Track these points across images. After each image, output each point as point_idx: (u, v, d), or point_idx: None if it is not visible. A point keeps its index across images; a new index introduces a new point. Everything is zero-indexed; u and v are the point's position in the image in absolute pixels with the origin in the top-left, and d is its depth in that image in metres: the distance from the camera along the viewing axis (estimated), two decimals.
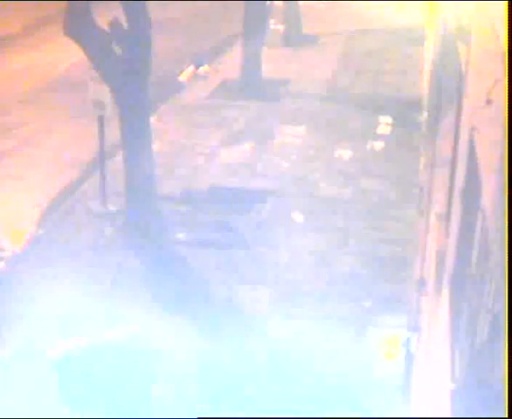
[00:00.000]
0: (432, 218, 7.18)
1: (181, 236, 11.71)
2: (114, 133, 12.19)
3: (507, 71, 2.66)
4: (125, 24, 11.23)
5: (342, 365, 8.86)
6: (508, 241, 2.35)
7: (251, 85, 18.46)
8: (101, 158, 12.53)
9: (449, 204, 5.77)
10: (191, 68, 20.19)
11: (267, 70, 18.99)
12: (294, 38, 22.99)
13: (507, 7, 2.89)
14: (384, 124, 16.46)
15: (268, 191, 13.20)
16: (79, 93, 13.73)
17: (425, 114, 13.14)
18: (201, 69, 20.19)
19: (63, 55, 19.67)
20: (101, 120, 12.23)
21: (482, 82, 3.35)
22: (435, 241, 6.48)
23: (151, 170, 11.88)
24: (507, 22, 2.82)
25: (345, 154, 14.90)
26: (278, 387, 8.51)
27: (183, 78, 19.72)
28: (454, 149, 5.78)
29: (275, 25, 24.40)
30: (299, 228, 12.03)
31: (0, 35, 22.54)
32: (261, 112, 17.28)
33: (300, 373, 8.73)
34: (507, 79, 2.64)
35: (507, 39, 2.75)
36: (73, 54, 14.74)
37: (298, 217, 12.34)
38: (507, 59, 2.69)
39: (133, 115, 11.51)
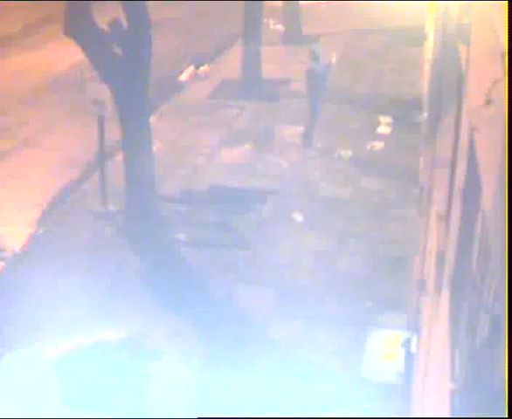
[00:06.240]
0: (432, 218, 7.18)
1: (181, 236, 11.71)
2: (114, 133, 12.20)
3: (507, 71, 2.66)
4: (125, 24, 11.22)
5: (342, 364, 8.86)
6: (508, 241, 2.35)
7: (251, 85, 18.46)
8: (101, 158, 12.53)
9: (449, 204, 5.77)
10: (191, 68, 20.19)
11: (267, 70, 18.99)
12: (294, 38, 22.99)
13: (507, 7, 2.89)
14: (384, 124, 16.46)
15: (268, 191, 13.20)
16: (79, 93, 13.73)
17: (425, 114, 13.13)
18: (201, 69, 20.19)
19: (63, 55, 19.68)
20: (101, 120, 12.23)
21: (482, 82, 3.35)
22: (435, 241, 6.48)
23: (151, 170, 11.87)
24: (507, 22, 2.82)
25: (345, 154, 14.90)
26: (278, 386, 8.50)
27: (183, 78, 19.73)
28: (454, 149, 5.78)
29: (275, 25, 24.42)
30: (299, 228, 12.03)
31: (0, 35, 22.56)
32: (261, 112, 17.29)
33: (299, 372, 8.73)
34: (507, 79, 2.64)
35: (507, 39, 2.75)
36: (73, 54, 14.74)
37: (298, 217, 12.34)
38: (507, 59, 2.69)
39: (133, 115, 11.51)
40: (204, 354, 9.01)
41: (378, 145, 15.37)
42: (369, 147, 15.28)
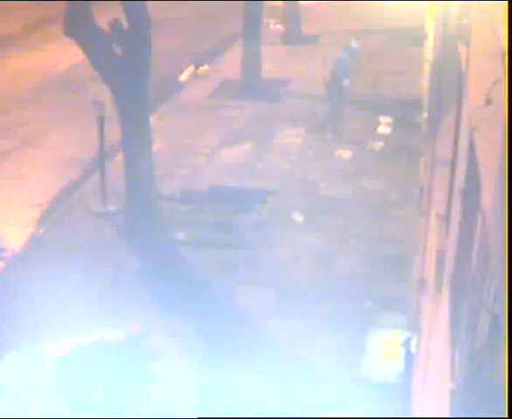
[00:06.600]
0: (432, 218, 7.18)
1: (181, 236, 11.71)
2: (114, 133, 12.20)
3: (507, 71, 2.66)
4: (125, 24, 11.23)
5: (342, 364, 8.86)
6: (508, 241, 2.35)
7: (251, 85, 18.46)
8: (101, 158, 12.53)
9: (449, 204, 5.78)
10: (191, 68, 20.18)
11: (267, 70, 18.99)
12: (294, 38, 22.98)
13: (507, 7, 2.89)
14: (384, 124, 16.46)
15: (268, 191, 13.20)
16: (79, 93, 13.73)
17: (425, 114, 13.13)
18: (201, 69, 20.19)
19: (63, 55, 19.68)
20: (101, 120, 12.23)
21: (482, 82, 3.35)
22: (435, 241, 6.48)
23: (151, 170, 11.87)
24: (507, 22, 2.82)
25: (345, 154, 14.90)
26: (278, 386, 8.50)
27: (183, 78, 19.72)
28: (454, 149, 5.79)
29: (275, 25, 24.41)
30: (299, 228, 12.03)
31: (0, 35, 22.55)
32: (261, 112, 17.28)
33: (299, 372, 8.73)
34: (507, 79, 2.64)
35: (507, 39, 2.75)
36: (73, 54, 14.74)
37: (298, 217, 12.34)
38: (507, 59, 2.69)
39: (133, 115, 11.51)
40: (204, 354, 9.01)
41: (378, 145, 15.37)
42: (369, 147, 15.28)
